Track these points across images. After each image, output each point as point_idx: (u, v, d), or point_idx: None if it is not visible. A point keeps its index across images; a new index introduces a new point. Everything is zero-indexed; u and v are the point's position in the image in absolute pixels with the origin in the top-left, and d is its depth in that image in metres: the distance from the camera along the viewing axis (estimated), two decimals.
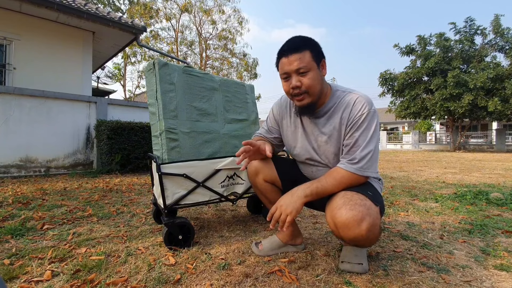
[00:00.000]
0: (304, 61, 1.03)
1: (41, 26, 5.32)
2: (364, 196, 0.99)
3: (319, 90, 1.08)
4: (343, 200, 0.98)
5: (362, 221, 0.92)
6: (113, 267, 1.16)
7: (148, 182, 3.53)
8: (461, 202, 2.40)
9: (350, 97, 1.09)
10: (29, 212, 2.01)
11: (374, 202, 0.99)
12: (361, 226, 0.92)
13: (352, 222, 0.93)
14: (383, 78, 16.50)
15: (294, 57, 1.03)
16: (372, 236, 0.97)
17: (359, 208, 0.94)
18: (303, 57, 1.03)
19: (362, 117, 1.05)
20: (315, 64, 1.05)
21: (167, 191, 1.40)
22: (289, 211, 1.01)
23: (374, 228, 0.95)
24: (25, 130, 4.11)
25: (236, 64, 16.15)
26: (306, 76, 1.04)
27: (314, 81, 1.05)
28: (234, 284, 1.04)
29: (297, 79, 1.05)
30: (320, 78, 1.07)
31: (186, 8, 14.03)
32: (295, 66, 1.03)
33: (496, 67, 13.43)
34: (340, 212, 0.95)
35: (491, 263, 1.22)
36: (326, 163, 1.18)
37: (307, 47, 1.04)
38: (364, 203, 0.96)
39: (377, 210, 0.98)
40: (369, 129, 1.05)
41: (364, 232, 0.93)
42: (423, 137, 22.94)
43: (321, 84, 1.08)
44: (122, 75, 17.22)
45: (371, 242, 1.02)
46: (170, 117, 1.52)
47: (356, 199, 0.97)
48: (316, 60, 1.05)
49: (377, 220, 0.97)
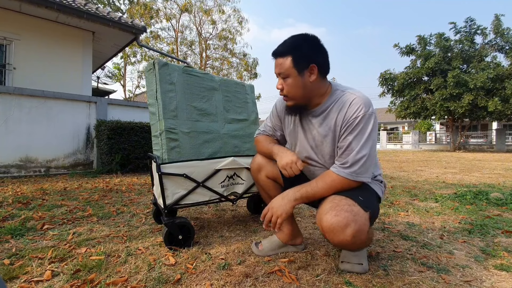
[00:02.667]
0: (283, 68, 1.06)
1: (41, 26, 5.32)
2: (353, 201, 0.97)
3: (301, 95, 1.09)
4: (330, 205, 0.98)
5: (346, 227, 0.92)
6: (113, 267, 1.17)
7: (148, 182, 3.53)
8: (461, 202, 2.41)
9: (348, 97, 1.07)
10: (29, 212, 2.01)
11: (363, 208, 0.97)
12: (345, 232, 0.92)
13: (336, 228, 0.93)
14: (383, 78, 16.52)
15: (277, 61, 1.08)
16: (359, 242, 0.96)
17: (345, 214, 0.93)
18: (283, 63, 1.06)
19: (357, 120, 1.02)
20: (295, 70, 1.05)
21: (167, 191, 1.40)
22: (279, 213, 1.06)
23: (360, 234, 0.94)
24: (25, 130, 4.11)
25: (236, 64, 16.14)
26: (286, 82, 1.08)
27: (292, 87, 1.07)
28: (234, 284, 1.04)
29: (280, 82, 1.10)
30: (301, 84, 1.06)
31: (186, 8, 14.02)
32: (276, 70, 1.09)
33: (496, 67, 13.44)
34: (326, 217, 0.95)
35: (491, 263, 1.22)
36: (322, 163, 1.18)
37: (289, 53, 1.05)
38: (351, 209, 0.95)
39: (365, 215, 0.96)
40: (364, 132, 1.02)
41: (349, 238, 0.92)
42: (423, 137, 22.94)
43: (303, 90, 1.08)
44: (122, 75, 17.21)
45: (359, 246, 1.01)
46: (170, 117, 1.52)
47: (343, 204, 0.96)
48: (298, 66, 1.04)
49: (364, 226, 0.95)
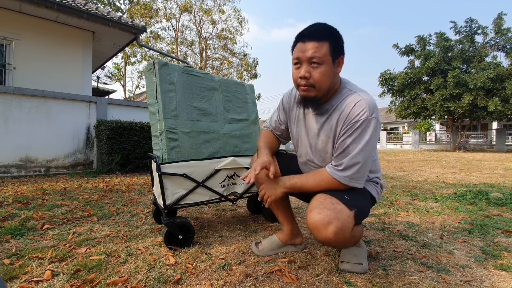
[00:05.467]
0: (319, 52, 0.96)
1: (41, 26, 5.32)
2: (337, 200, 0.98)
3: (328, 86, 1.02)
4: (315, 202, 0.99)
5: (328, 225, 0.92)
6: (113, 267, 1.16)
7: (148, 182, 3.53)
8: (461, 202, 2.41)
9: (353, 98, 1.03)
10: (29, 212, 2.01)
11: (348, 206, 0.97)
12: (327, 229, 0.93)
13: (319, 225, 0.94)
14: (383, 78, 16.52)
15: (311, 44, 0.96)
16: (342, 239, 0.96)
17: (327, 212, 0.94)
18: (320, 48, 0.96)
19: (357, 123, 0.99)
20: (331, 58, 0.98)
21: (167, 191, 1.40)
22: (269, 194, 1.14)
23: (343, 232, 0.94)
24: (25, 130, 4.11)
25: (236, 64, 16.15)
26: (317, 69, 0.97)
27: (324, 76, 0.98)
28: (234, 284, 1.04)
29: (307, 69, 0.98)
30: (332, 74, 1.01)
31: (186, 8, 14.03)
32: (309, 54, 0.96)
33: (497, 67, 13.43)
34: (310, 215, 0.97)
35: (491, 263, 1.22)
36: (320, 162, 1.16)
37: (327, 39, 0.97)
38: (334, 207, 0.95)
39: (349, 213, 0.96)
40: (363, 137, 0.99)
41: (331, 235, 0.93)
42: (423, 137, 22.94)
43: (331, 81, 1.02)
44: (122, 75, 17.21)
45: (344, 244, 1.02)
46: (170, 117, 1.52)
47: (327, 203, 0.97)
48: (333, 54, 0.98)
49: (347, 224, 0.94)
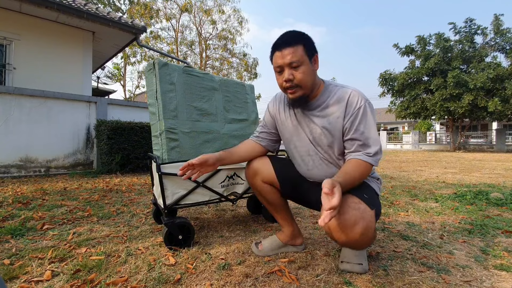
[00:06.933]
0: (296, 55, 1.05)
1: (41, 26, 5.32)
2: (359, 199, 0.97)
3: (311, 83, 1.10)
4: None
5: (355, 225, 0.92)
6: (113, 267, 1.16)
7: (148, 182, 3.53)
8: (461, 202, 2.41)
9: (344, 91, 1.12)
10: (29, 212, 2.01)
11: (369, 205, 0.97)
12: (354, 229, 0.92)
13: (345, 226, 0.92)
14: (383, 78, 16.51)
15: (287, 51, 1.05)
16: (366, 239, 0.96)
17: (352, 211, 0.93)
18: (295, 51, 1.05)
19: (360, 109, 1.07)
20: (307, 58, 1.07)
21: (167, 191, 1.40)
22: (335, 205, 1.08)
23: (368, 232, 0.94)
24: (25, 130, 4.11)
25: (236, 64, 16.17)
26: (298, 70, 1.06)
27: (305, 74, 1.07)
28: (234, 284, 1.04)
29: (290, 72, 1.07)
30: (312, 72, 1.10)
31: (186, 8, 14.03)
32: (288, 59, 1.05)
33: (497, 67, 13.42)
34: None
35: (491, 263, 1.22)
36: (322, 154, 1.18)
37: (300, 42, 1.06)
38: (358, 207, 0.95)
39: (371, 213, 0.97)
40: (370, 119, 1.08)
41: (358, 236, 0.92)
42: (423, 137, 22.93)
43: (312, 78, 1.10)
44: (122, 75, 17.22)
45: (364, 245, 1.01)
46: (170, 117, 1.52)
47: (350, 202, 0.96)
48: (309, 54, 1.07)
49: (371, 224, 0.95)
